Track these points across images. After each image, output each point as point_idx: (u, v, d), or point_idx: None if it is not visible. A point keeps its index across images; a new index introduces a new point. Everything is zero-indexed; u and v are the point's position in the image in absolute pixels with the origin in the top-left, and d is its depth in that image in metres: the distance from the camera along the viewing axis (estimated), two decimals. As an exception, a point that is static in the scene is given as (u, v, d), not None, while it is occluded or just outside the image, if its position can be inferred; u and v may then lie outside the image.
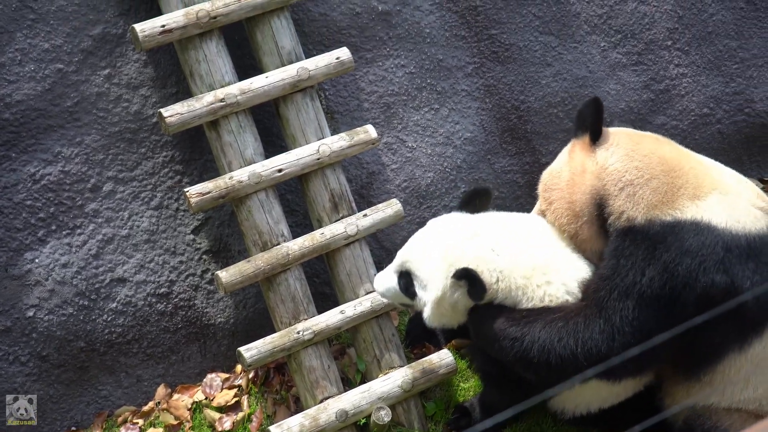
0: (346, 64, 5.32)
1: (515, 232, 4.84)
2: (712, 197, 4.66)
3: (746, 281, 4.55)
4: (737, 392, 4.75)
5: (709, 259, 4.54)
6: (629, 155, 4.77)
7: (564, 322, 4.63)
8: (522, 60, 5.93)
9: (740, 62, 6.48)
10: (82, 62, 5.02)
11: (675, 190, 4.66)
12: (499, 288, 4.69)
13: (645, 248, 4.60)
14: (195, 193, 4.96)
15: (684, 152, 4.91)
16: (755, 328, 4.63)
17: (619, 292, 4.59)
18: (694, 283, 4.53)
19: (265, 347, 5.00)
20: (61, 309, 4.97)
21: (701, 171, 4.78)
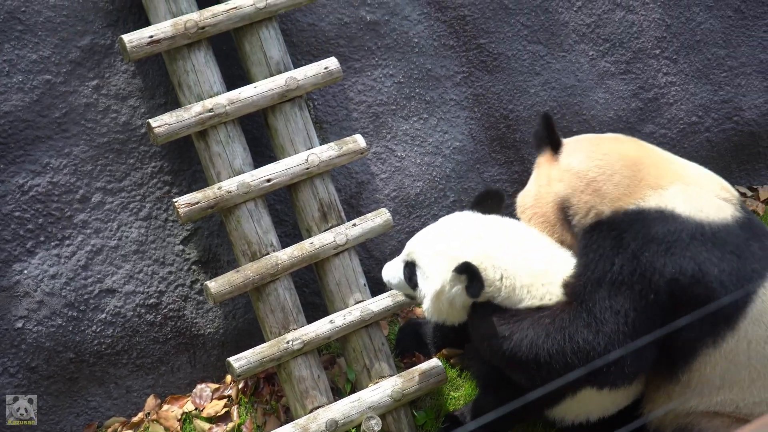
0: (335, 74, 5.32)
1: (520, 234, 4.90)
2: (674, 187, 4.74)
3: (713, 269, 4.60)
4: (714, 392, 4.75)
5: (675, 245, 4.61)
6: (590, 155, 4.88)
7: (551, 319, 4.67)
8: (510, 69, 5.94)
9: (728, 70, 6.49)
10: (70, 73, 5.02)
11: (637, 182, 4.74)
12: (503, 285, 4.73)
13: (612, 238, 4.68)
14: (184, 204, 4.95)
15: (645, 147, 5.01)
16: (728, 321, 4.65)
17: (593, 283, 4.65)
18: (663, 269, 4.58)
19: (255, 357, 4.99)
20: (50, 320, 4.97)
21: (663, 164, 4.88)
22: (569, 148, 4.99)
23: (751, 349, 4.67)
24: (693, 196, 4.74)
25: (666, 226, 4.64)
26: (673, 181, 4.77)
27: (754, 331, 4.66)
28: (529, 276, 4.75)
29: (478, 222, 4.92)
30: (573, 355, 4.63)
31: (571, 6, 6.10)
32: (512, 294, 4.74)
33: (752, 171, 6.71)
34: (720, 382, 4.72)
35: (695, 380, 4.75)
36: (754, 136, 6.61)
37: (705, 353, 4.69)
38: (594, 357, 4.61)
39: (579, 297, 4.68)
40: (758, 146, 6.66)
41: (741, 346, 4.67)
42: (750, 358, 4.68)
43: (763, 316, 4.67)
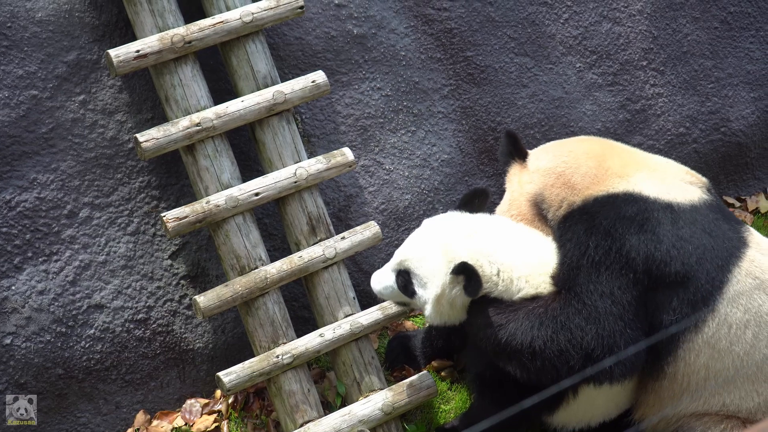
0: (322, 87, 5.32)
1: (510, 228, 4.95)
2: (640, 174, 4.89)
3: (687, 245, 4.65)
4: (701, 384, 4.74)
5: (647, 223, 4.71)
6: (556, 154, 5.08)
7: (544, 309, 4.71)
8: (498, 81, 5.95)
9: (715, 81, 6.51)
10: (56, 88, 5.01)
11: (604, 172, 4.90)
12: (500, 279, 4.76)
13: (585, 222, 4.79)
14: (172, 218, 4.94)
15: (608, 143, 5.20)
16: (706, 303, 4.67)
17: (574, 269, 4.73)
18: (638, 246, 4.66)
19: (245, 372, 4.98)
20: (39, 336, 4.94)
21: (627, 155, 5.06)
22: (536, 155, 5.18)
23: (731, 334, 4.69)
24: (659, 180, 4.87)
25: (636, 206, 4.75)
26: (638, 169, 4.92)
27: (733, 314, 4.68)
28: (525, 266, 4.79)
29: (467, 220, 4.94)
30: (567, 342, 4.65)
31: (557, 18, 6.11)
32: (510, 286, 4.77)
33: (740, 182, 6.72)
34: (705, 372, 4.73)
35: (681, 371, 4.75)
36: (742, 147, 6.63)
37: (687, 339, 4.70)
38: (587, 342, 4.63)
39: (565, 285, 4.73)
40: (746, 157, 6.67)
41: (722, 330, 4.69)
42: (731, 344, 4.69)
43: (740, 297, 4.69)
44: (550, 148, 5.20)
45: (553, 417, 5.04)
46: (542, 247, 4.89)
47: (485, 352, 4.87)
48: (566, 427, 5.08)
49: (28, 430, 4.98)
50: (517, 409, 4.96)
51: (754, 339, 4.71)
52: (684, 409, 4.83)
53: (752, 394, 4.75)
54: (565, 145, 5.16)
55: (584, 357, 4.65)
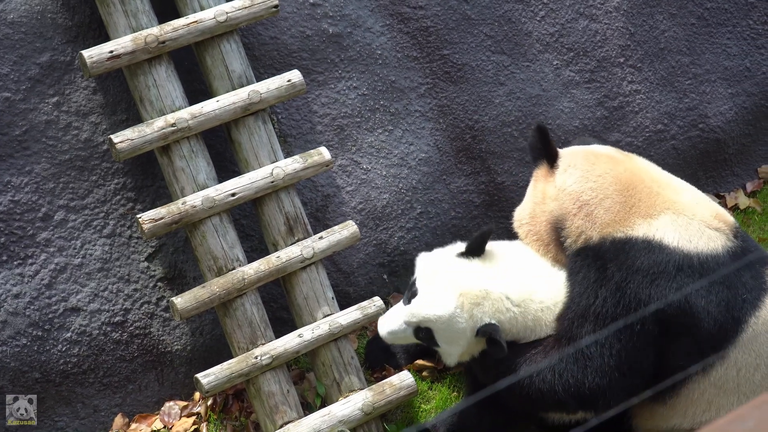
0: (298, 86, 5.30)
1: (522, 265, 4.92)
2: (664, 216, 4.71)
3: (700, 300, 4.57)
4: (699, 414, 4.74)
5: (660, 277, 4.58)
6: (585, 176, 4.86)
7: (543, 356, 4.71)
8: (475, 80, 5.93)
9: (693, 78, 6.51)
10: (29, 90, 4.98)
11: (628, 209, 4.72)
12: (514, 329, 4.81)
13: (597, 269, 4.67)
14: (148, 219, 4.91)
15: (641, 169, 4.95)
16: (716, 351, 4.64)
17: (579, 318, 4.67)
18: (648, 300, 4.56)
19: (223, 373, 4.95)
20: (15, 340, 4.91)
21: (655, 190, 4.83)
22: (565, 163, 4.95)
23: (740, 376, 4.67)
24: (683, 226, 4.70)
25: (652, 257, 4.62)
26: (664, 210, 4.74)
27: (743, 359, 4.65)
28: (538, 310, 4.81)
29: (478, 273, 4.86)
30: (564, 392, 4.68)
31: (534, 16, 6.10)
32: (524, 333, 4.83)
33: (719, 178, 6.72)
34: (706, 406, 4.72)
35: (682, 404, 4.75)
36: (720, 144, 6.63)
37: (693, 380, 4.69)
38: (584, 392, 4.64)
39: (567, 332, 4.70)
40: (724, 153, 6.67)
41: (730, 373, 4.67)
42: (739, 385, 4.68)
43: (753, 343, 4.66)
44: (580, 162, 4.93)
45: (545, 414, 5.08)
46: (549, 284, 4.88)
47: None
48: (559, 420, 5.09)
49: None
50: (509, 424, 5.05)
51: (762, 380, 4.70)
52: (678, 425, 4.82)
53: None
54: (595, 164, 4.91)
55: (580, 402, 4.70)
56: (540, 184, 5.00)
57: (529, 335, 4.83)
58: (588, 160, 4.95)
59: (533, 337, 4.83)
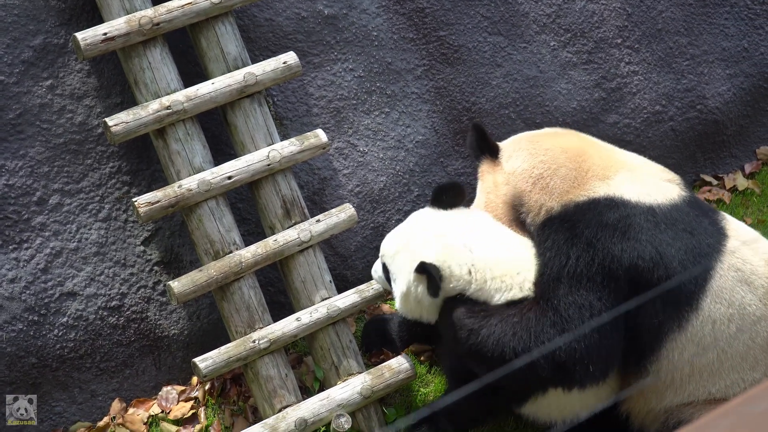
0: (294, 68, 5.26)
1: (486, 225, 4.88)
2: (620, 175, 4.78)
3: (670, 249, 4.59)
4: (686, 380, 4.72)
5: (629, 230, 4.62)
6: (532, 153, 4.91)
7: (519, 318, 4.64)
8: (472, 61, 5.90)
9: (691, 59, 6.48)
10: (23, 73, 4.94)
11: (584, 174, 4.78)
12: (473, 279, 4.72)
13: (565, 230, 4.69)
14: (144, 203, 4.88)
15: (585, 139, 5.06)
16: (689, 301, 4.63)
17: (554, 280, 4.65)
18: (620, 255, 4.59)
19: (221, 357, 4.92)
20: (11, 325, 4.88)
21: (605, 153, 4.92)
22: (509, 151, 5.01)
23: (716, 329, 4.65)
24: (639, 182, 4.78)
25: (618, 212, 4.65)
26: (618, 170, 4.82)
27: (716, 310, 4.64)
28: (500, 267, 4.73)
29: (440, 219, 4.89)
30: (539, 354, 4.59)
31: (530, -3, 6.08)
32: (484, 286, 4.72)
33: (717, 160, 6.70)
34: (690, 368, 4.70)
35: (665, 369, 4.71)
36: (718, 125, 6.60)
37: (671, 338, 4.66)
38: (560, 356, 4.59)
39: (543, 295, 4.66)
40: (722, 134, 6.65)
41: (706, 327, 4.65)
42: (716, 339, 4.66)
43: (723, 292, 4.66)
44: (524, 144, 5.01)
45: (523, 408, 5.02)
46: (519, 248, 4.82)
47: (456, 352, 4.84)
48: (538, 420, 5.05)
49: (4, 420, 4.92)
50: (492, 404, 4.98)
51: (737, 332, 4.68)
52: (669, 402, 4.80)
53: (738, 382, 4.71)
54: (539, 141, 4.99)
55: (555, 368, 4.62)
56: (488, 176, 5.03)
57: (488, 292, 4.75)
58: (530, 140, 5.02)
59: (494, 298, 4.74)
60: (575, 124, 6.11)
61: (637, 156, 5.05)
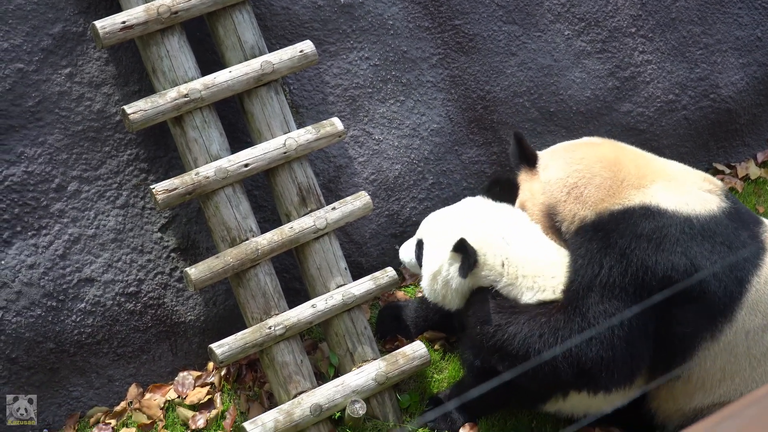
0: (310, 57, 5.29)
1: (527, 226, 4.90)
2: (657, 184, 4.72)
3: (705, 262, 4.56)
4: (716, 385, 4.73)
5: (664, 241, 4.57)
6: (567, 162, 4.88)
7: (547, 318, 4.63)
8: (486, 50, 5.92)
9: (704, 48, 6.49)
10: (42, 61, 4.97)
11: (619, 183, 4.72)
12: (505, 272, 4.74)
13: (599, 239, 4.64)
14: (161, 190, 4.91)
15: (622, 148, 5.00)
16: (723, 313, 4.63)
17: (584, 288, 4.61)
18: (654, 266, 4.54)
19: (237, 343, 4.96)
20: (29, 310, 4.92)
21: (642, 162, 4.86)
22: (545, 160, 4.99)
23: (749, 339, 4.65)
24: (677, 191, 4.70)
25: (653, 222, 4.60)
26: (655, 179, 4.74)
27: (751, 321, 4.64)
28: (534, 266, 4.75)
29: (486, 207, 4.95)
30: (564, 360, 4.59)
31: (545, -14, 6.09)
32: (515, 282, 4.74)
33: (730, 148, 6.71)
34: (721, 374, 4.71)
35: (696, 375, 4.72)
36: (731, 114, 6.61)
37: (704, 347, 4.66)
38: (584, 363, 4.58)
39: (573, 302, 4.64)
40: (735, 123, 6.66)
41: (739, 336, 4.65)
42: (749, 348, 4.67)
43: (759, 304, 4.65)
44: (560, 153, 5.00)
45: (544, 407, 5.04)
46: (555, 253, 4.81)
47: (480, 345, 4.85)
48: (559, 414, 5.07)
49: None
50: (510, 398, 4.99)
51: None
52: (699, 404, 4.81)
53: None
54: (576, 150, 4.96)
55: (579, 374, 4.62)
56: (526, 185, 5.01)
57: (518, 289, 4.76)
58: (567, 149, 5.01)
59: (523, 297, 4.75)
60: (589, 113, 6.13)
61: (677, 164, 4.97)
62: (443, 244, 4.82)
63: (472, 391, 4.98)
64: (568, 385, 4.71)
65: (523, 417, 5.28)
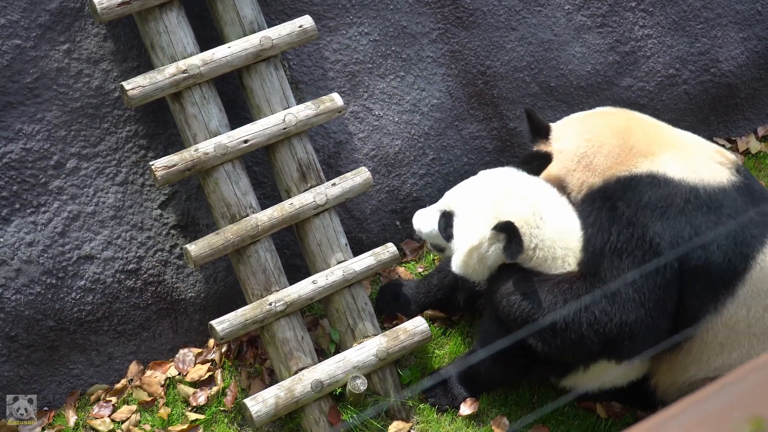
0: (309, 32, 5.26)
1: (557, 202, 4.87)
2: (666, 153, 4.74)
3: (710, 234, 4.58)
4: (713, 358, 4.74)
5: (669, 210, 4.60)
6: (578, 132, 4.92)
7: (569, 285, 4.66)
8: (486, 25, 5.89)
9: (704, 22, 6.46)
10: (40, 37, 4.94)
11: (627, 151, 4.75)
12: (535, 255, 4.75)
13: (607, 209, 4.69)
14: (161, 167, 4.89)
15: (635, 116, 5.02)
16: (726, 287, 4.64)
17: (597, 255, 4.67)
18: (661, 233, 4.57)
19: (237, 320, 4.95)
20: (29, 288, 4.90)
21: (654, 131, 4.88)
22: (558, 132, 5.03)
23: (750, 316, 4.67)
24: (686, 161, 4.71)
25: (659, 190, 4.63)
26: (665, 148, 4.76)
27: (752, 298, 4.65)
28: (563, 248, 4.76)
29: (523, 182, 4.89)
30: (589, 326, 4.63)
31: (545, -40, 6.06)
32: (543, 264, 4.76)
33: (730, 123, 6.69)
34: (720, 348, 4.72)
35: (696, 347, 4.75)
36: (732, 88, 6.59)
37: (707, 320, 4.67)
38: (609, 328, 4.61)
39: (590, 269, 4.68)
40: (736, 98, 6.64)
41: (740, 312, 4.66)
42: (750, 326, 4.68)
43: (762, 282, 4.66)
44: (573, 123, 5.06)
45: (562, 381, 5.05)
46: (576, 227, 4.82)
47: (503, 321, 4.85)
48: (573, 389, 5.08)
49: (22, 383, 4.96)
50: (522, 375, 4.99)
51: None
52: (695, 375, 4.82)
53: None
54: (588, 119, 5.02)
55: (604, 342, 4.64)
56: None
57: (546, 268, 4.78)
58: (580, 119, 5.05)
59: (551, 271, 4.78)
60: (589, 88, 6.10)
61: (690, 135, 4.99)
62: (484, 221, 4.76)
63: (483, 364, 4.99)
64: (593, 353, 4.74)
65: (524, 391, 5.28)
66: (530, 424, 5.18)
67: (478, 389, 5.22)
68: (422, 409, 5.19)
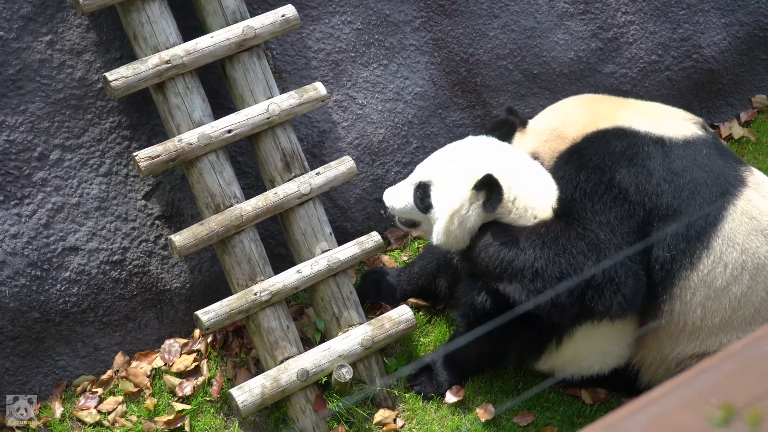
0: (292, 21, 5.25)
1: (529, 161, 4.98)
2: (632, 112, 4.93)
3: (679, 180, 4.65)
4: (697, 324, 4.74)
5: (636, 156, 4.72)
6: (551, 113, 5.20)
7: (545, 229, 4.73)
8: (469, 12, 5.89)
9: (687, 8, 6.47)
10: (22, 29, 4.93)
11: (595, 119, 4.94)
12: (514, 207, 4.79)
13: (576, 158, 4.84)
14: (144, 157, 4.89)
15: (605, 96, 5.31)
16: (700, 238, 4.66)
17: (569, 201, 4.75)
18: (628, 177, 4.68)
19: (223, 310, 4.95)
20: (14, 280, 4.90)
21: (621, 102, 5.12)
22: (534, 120, 5.26)
23: (728, 273, 4.68)
24: (651, 117, 4.90)
25: (625, 140, 4.77)
26: (630, 110, 4.96)
27: (729, 253, 4.67)
28: (539, 201, 4.82)
29: (495, 146, 4.98)
30: (568, 265, 4.64)
31: (527, -53, 6.06)
32: (523, 216, 4.81)
33: (713, 108, 6.70)
34: (702, 311, 4.72)
35: (677, 310, 4.74)
36: (714, 74, 6.61)
37: (683, 276, 4.69)
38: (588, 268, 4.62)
39: (563, 212, 4.75)
40: (718, 83, 6.65)
41: (717, 269, 4.68)
42: (728, 284, 4.68)
43: (736, 237, 4.68)
44: (547, 111, 5.29)
45: (539, 363, 5.05)
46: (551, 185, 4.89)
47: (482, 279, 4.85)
48: (555, 372, 5.09)
49: (8, 375, 4.95)
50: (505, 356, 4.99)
51: (751, 281, 4.71)
52: (682, 351, 4.83)
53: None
54: (561, 105, 5.25)
55: (585, 284, 4.63)
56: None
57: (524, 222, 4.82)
58: (554, 105, 5.31)
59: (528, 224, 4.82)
60: (572, 75, 6.11)
61: (659, 104, 5.18)
62: (462, 183, 4.80)
63: (460, 340, 4.99)
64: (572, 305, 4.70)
65: (509, 378, 5.30)
66: (516, 410, 5.20)
67: (462, 375, 5.24)
68: (408, 397, 5.20)
